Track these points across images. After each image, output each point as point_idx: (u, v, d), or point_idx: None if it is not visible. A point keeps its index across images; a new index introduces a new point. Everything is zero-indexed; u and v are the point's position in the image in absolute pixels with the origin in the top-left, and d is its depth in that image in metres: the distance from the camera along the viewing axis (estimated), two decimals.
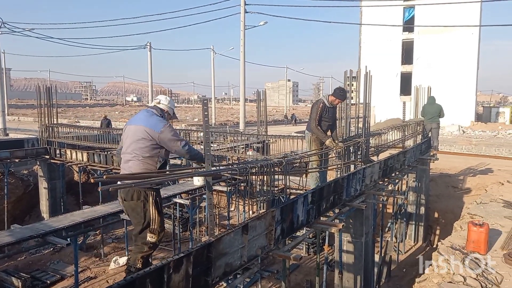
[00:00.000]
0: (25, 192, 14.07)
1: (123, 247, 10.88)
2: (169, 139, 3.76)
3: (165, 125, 3.80)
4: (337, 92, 6.44)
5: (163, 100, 4.08)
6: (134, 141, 3.80)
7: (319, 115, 6.33)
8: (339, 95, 6.40)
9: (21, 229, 6.16)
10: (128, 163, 3.85)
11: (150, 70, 37.23)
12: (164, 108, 4.07)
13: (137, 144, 3.78)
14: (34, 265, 10.12)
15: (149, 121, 3.83)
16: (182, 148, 3.79)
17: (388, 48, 35.11)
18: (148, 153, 3.78)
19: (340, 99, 6.46)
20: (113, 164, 11.47)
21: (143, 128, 3.77)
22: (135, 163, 3.79)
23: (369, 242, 7.11)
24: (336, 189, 5.59)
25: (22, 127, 29.84)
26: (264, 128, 13.39)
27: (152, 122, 3.82)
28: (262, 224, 3.98)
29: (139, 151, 3.78)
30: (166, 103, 4.07)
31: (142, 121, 3.86)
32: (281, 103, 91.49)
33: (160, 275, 2.87)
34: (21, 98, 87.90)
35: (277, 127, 33.96)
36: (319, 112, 6.33)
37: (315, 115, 6.37)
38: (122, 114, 54.76)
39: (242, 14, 20.60)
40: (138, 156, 3.78)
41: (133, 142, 3.81)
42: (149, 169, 3.76)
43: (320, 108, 6.35)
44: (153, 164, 3.82)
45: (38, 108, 13.81)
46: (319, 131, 6.34)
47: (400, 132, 10.91)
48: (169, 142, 3.77)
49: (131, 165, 3.81)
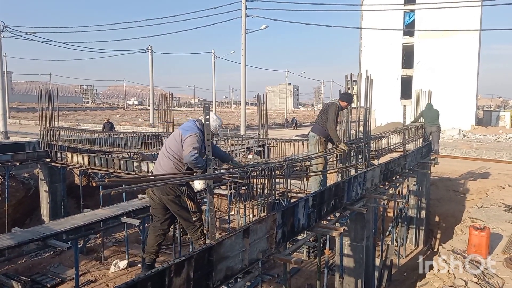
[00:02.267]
0: (25, 195, 14.07)
1: (123, 251, 10.87)
2: (186, 144, 4.07)
3: (192, 133, 4.12)
4: (346, 97, 6.59)
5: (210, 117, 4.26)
6: (169, 142, 4.28)
7: (334, 117, 6.37)
8: (348, 99, 6.59)
9: (22, 232, 6.16)
10: (160, 161, 4.31)
11: (151, 74, 37.34)
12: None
13: (170, 144, 4.24)
14: (34, 269, 10.10)
15: (184, 126, 4.28)
16: (189, 154, 3.99)
17: (389, 52, 35.18)
18: (177, 153, 4.16)
19: (350, 103, 6.65)
20: (114, 167, 11.48)
21: (178, 131, 4.25)
22: (166, 161, 4.23)
23: (370, 246, 7.10)
24: (337, 193, 5.59)
25: (23, 131, 29.88)
26: (265, 131, 13.41)
27: (186, 127, 4.25)
28: (263, 227, 3.99)
29: (170, 151, 4.20)
30: (211, 120, 4.19)
31: (181, 126, 4.35)
32: (282, 107, 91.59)
33: (162, 279, 2.87)
34: (23, 101, 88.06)
35: (278, 130, 33.99)
36: (334, 114, 6.37)
37: (334, 115, 6.37)
38: (123, 117, 54.81)
39: (243, 18, 20.68)
40: (169, 155, 4.20)
41: (169, 143, 4.28)
42: (178, 168, 4.18)
43: (335, 110, 6.41)
44: (181, 165, 4.19)
45: (40, 111, 13.84)
46: (336, 133, 6.40)
47: (400, 135, 10.91)
48: (185, 147, 4.09)
49: (163, 163, 4.26)
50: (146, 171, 10.83)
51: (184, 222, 4.47)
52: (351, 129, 8.02)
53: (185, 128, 4.24)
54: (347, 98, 6.59)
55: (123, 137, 14.50)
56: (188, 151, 4.01)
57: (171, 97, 15.74)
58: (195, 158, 3.99)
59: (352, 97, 6.74)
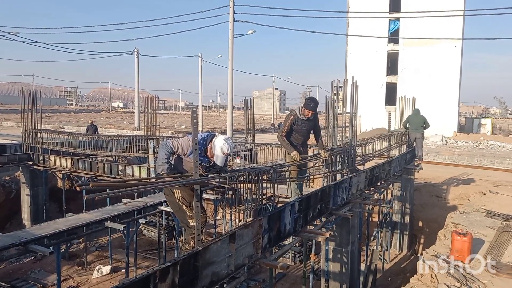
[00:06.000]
0: (6, 199, 13.73)
1: (106, 256, 10.68)
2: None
3: (185, 137, 4.31)
4: (307, 103, 6.08)
5: (217, 140, 4.19)
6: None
7: (287, 127, 6.17)
8: (309, 106, 6.03)
9: (2, 236, 6.01)
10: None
11: (137, 77, 37.01)
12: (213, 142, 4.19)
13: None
14: (15, 274, 9.84)
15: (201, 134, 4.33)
16: (160, 145, 4.37)
17: (374, 59, 35.70)
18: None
19: (310, 109, 6.03)
20: (98, 171, 11.31)
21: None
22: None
23: (355, 251, 7.15)
24: (323, 198, 5.62)
25: (4, 132, 29.19)
26: (252, 136, 13.42)
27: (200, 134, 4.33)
28: (249, 232, 3.97)
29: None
30: (217, 143, 4.16)
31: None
32: (269, 111, 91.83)
33: (146, 285, 2.83)
34: (4, 102, 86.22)
35: (265, 135, 34.04)
36: (288, 124, 6.18)
37: (283, 127, 6.26)
38: (108, 120, 54.12)
39: (231, 23, 20.71)
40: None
41: None
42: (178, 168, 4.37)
43: (290, 120, 6.18)
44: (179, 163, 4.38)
45: (22, 113, 13.57)
46: (284, 142, 6.20)
47: (385, 141, 11.06)
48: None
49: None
50: (131, 175, 10.71)
51: (182, 223, 4.58)
52: (337, 134, 8.12)
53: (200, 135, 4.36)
54: (308, 105, 6.02)
55: (108, 140, 14.31)
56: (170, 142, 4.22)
57: (157, 100, 15.62)
58: (161, 144, 4.25)
59: (315, 104, 6.13)
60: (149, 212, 8.00)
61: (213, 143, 4.17)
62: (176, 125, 47.29)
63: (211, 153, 4.22)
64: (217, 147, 4.13)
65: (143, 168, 10.55)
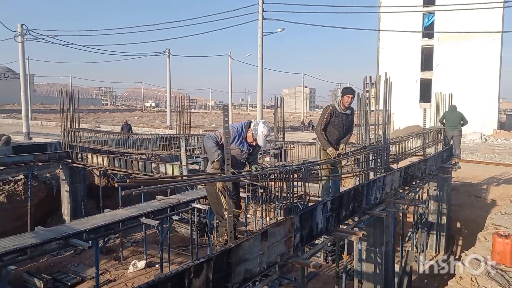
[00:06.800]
0: (47, 195, 14.40)
1: (141, 251, 11.00)
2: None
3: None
4: (344, 91, 6.22)
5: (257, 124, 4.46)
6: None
7: (326, 119, 6.08)
8: (346, 91, 6.14)
9: (44, 231, 6.30)
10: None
11: (169, 76, 37.77)
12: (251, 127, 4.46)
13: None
14: (55, 267, 10.31)
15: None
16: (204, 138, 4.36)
17: (407, 55, 34.66)
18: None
19: (348, 93, 6.11)
20: (133, 168, 11.65)
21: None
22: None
23: (390, 252, 6.98)
24: (355, 197, 5.52)
25: (45, 132, 30.59)
26: (282, 134, 13.37)
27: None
28: (281, 230, 3.97)
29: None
30: (257, 126, 4.44)
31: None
32: (298, 109, 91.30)
33: (181, 280, 2.89)
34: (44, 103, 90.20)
35: (294, 133, 33.85)
36: (326, 116, 6.08)
37: (322, 119, 6.15)
38: (141, 119, 55.57)
39: (260, 21, 20.71)
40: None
41: None
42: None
43: (329, 111, 6.09)
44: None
45: (61, 113, 14.18)
46: (322, 136, 6.09)
47: (420, 139, 10.72)
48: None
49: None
50: (164, 172, 10.95)
51: (217, 215, 4.70)
52: (369, 132, 7.94)
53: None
54: (346, 91, 6.17)
55: (141, 139, 14.70)
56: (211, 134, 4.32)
57: (188, 99, 15.88)
58: (206, 136, 4.31)
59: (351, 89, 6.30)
60: (181, 209, 8.15)
61: (253, 127, 4.42)
62: (206, 123, 47.92)
63: (251, 138, 4.43)
64: (258, 130, 4.39)
65: (175, 166, 10.76)
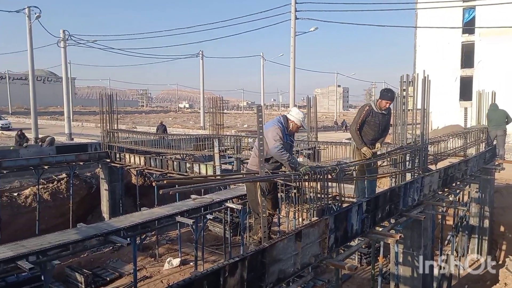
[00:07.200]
0: (88, 193, 15.04)
1: (176, 249, 11.25)
2: (268, 137, 4.27)
3: (273, 126, 4.37)
4: (383, 94, 5.88)
5: (292, 112, 4.65)
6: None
7: (362, 119, 5.84)
8: (385, 96, 5.79)
9: (86, 228, 6.59)
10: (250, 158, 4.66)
11: (202, 78, 38.37)
12: (290, 118, 4.57)
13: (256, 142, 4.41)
14: (95, 263, 10.74)
15: (267, 123, 4.53)
16: (273, 146, 4.22)
17: (446, 52, 33.30)
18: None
19: (387, 99, 5.80)
20: (168, 168, 11.93)
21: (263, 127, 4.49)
22: (251, 158, 4.61)
23: (428, 255, 6.75)
24: (392, 198, 5.38)
25: (85, 132, 31.92)
26: (314, 134, 13.25)
27: (268, 123, 4.50)
28: (315, 231, 3.94)
29: (255, 148, 4.50)
30: (294, 114, 4.58)
31: (266, 123, 4.54)
32: (331, 109, 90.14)
33: (217, 278, 2.92)
34: (84, 105, 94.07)
35: (327, 133, 33.43)
36: (362, 115, 5.84)
37: (357, 118, 5.92)
38: (175, 120, 56.82)
39: (293, 21, 20.61)
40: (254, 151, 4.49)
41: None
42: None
43: (365, 111, 5.86)
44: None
45: (100, 114, 14.75)
46: (356, 136, 5.88)
47: (461, 139, 10.28)
48: (268, 141, 4.28)
49: (250, 160, 4.65)
50: (198, 172, 11.14)
51: (253, 212, 4.75)
52: (406, 132, 7.71)
53: (267, 124, 4.46)
54: (385, 95, 5.80)
55: (176, 139, 15.03)
56: (272, 144, 4.21)
57: (221, 100, 16.06)
58: (279, 150, 4.19)
59: (392, 93, 5.92)
60: (215, 208, 8.27)
61: (292, 117, 4.51)
62: (238, 124, 48.30)
63: (295, 127, 4.54)
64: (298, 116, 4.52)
65: (209, 166, 10.93)
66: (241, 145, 12.95)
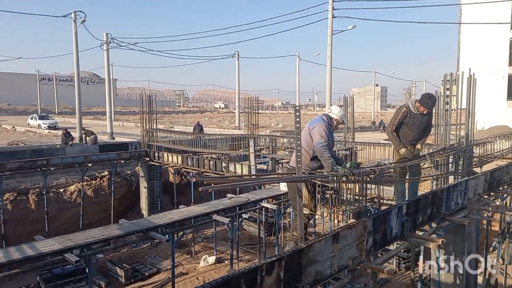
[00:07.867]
0: (128, 191, 15.59)
1: (211, 247, 11.42)
2: (315, 134, 4.41)
3: (319, 124, 4.48)
4: (422, 99, 5.56)
5: (333, 110, 4.83)
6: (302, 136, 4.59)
7: (398, 120, 5.68)
8: (424, 102, 5.50)
9: (127, 223, 6.83)
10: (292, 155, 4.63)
11: (238, 79, 38.68)
12: (332, 116, 4.73)
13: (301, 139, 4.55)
14: (134, 258, 11.12)
15: (311, 120, 4.67)
16: (318, 142, 4.33)
17: (493, 48, 31.63)
18: (305, 146, 4.44)
19: (426, 107, 5.53)
20: (204, 167, 12.14)
21: (306, 126, 4.63)
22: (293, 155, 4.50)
23: (472, 262, 6.44)
24: (434, 202, 5.19)
25: (125, 132, 33.09)
26: (351, 134, 13.02)
27: (313, 121, 4.63)
28: (353, 233, 3.87)
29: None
30: (336, 112, 4.76)
31: (310, 121, 4.71)
32: (368, 109, 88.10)
33: (254, 277, 2.95)
34: (125, 105, 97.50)
35: (364, 133, 32.68)
36: (399, 117, 5.68)
37: (394, 120, 5.77)
38: (211, 120, 57.64)
39: (330, 20, 20.32)
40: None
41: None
42: (304, 159, 4.33)
43: (402, 112, 5.69)
44: (307, 156, 4.48)
45: (140, 114, 15.25)
46: (393, 137, 5.73)
47: (509, 141, 9.74)
48: (314, 136, 4.42)
49: (291, 157, 4.64)
50: (233, 171, 11.26)
51: (293, 210, 4.76)
52: (450, 133, 7.40)
53: (312, 122, 4.59)
54: (424, 102, 5.51)
55: (212, 139, 15.27)
56: (317, 139, 4.34)
57: (256, 100, 16.12)
58: (322, 145, 4.30)
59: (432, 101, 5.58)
60: (250, 208, 8.33)
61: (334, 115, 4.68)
62: (273, 124, 48.25)
63: (336, 124, 4.72)
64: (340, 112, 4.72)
65: (244, 165, 11.01)
66: (276, 145, 12.96)
